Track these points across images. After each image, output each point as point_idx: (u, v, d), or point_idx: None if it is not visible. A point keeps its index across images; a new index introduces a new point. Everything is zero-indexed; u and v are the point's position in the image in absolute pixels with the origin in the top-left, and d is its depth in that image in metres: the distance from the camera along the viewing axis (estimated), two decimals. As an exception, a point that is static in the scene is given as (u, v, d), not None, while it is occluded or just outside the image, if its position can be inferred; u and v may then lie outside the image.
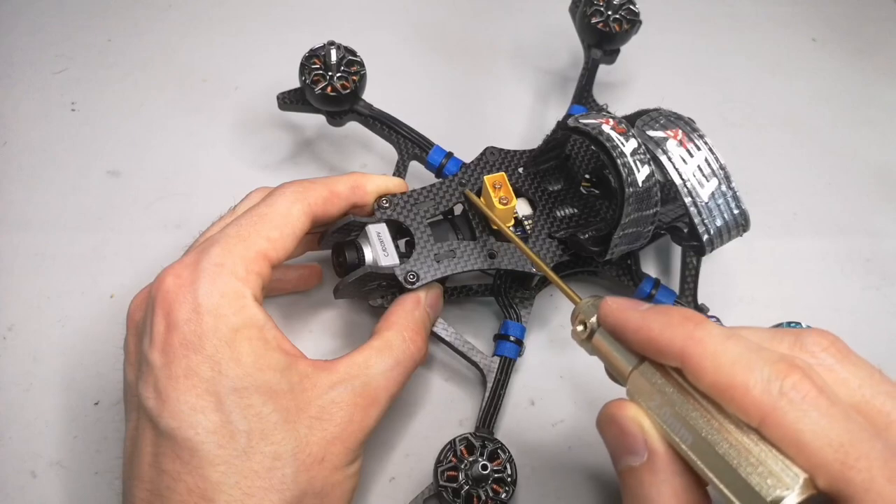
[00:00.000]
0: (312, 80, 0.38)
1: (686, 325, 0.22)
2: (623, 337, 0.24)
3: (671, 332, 0.22)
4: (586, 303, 0.27)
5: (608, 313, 0.25)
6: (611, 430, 0.24)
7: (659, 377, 0.23)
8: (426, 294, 0.34)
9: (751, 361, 0.20)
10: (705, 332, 0.22)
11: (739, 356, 0.21)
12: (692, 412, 0.22)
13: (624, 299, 0.25)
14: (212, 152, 0.46)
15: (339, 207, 0.33)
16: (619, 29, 0.43)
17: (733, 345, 0.21)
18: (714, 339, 0.21)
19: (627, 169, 0.32)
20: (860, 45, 0.56)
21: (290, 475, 0.27)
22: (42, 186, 0.44)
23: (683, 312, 0.23)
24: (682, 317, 0.22)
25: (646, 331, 0.23)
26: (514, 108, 0.50)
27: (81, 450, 0.35)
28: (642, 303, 0.24)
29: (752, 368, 0.20)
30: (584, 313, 0.26)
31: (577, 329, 0.27)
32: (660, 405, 0.23)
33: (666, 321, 0.22)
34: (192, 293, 0.27)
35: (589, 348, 0.26)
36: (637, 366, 0.24)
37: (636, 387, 0.24)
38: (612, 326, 0.25)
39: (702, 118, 0.36)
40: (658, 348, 0.22)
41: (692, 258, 0.40)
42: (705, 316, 0.23)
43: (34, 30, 0.50)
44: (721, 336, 0.21)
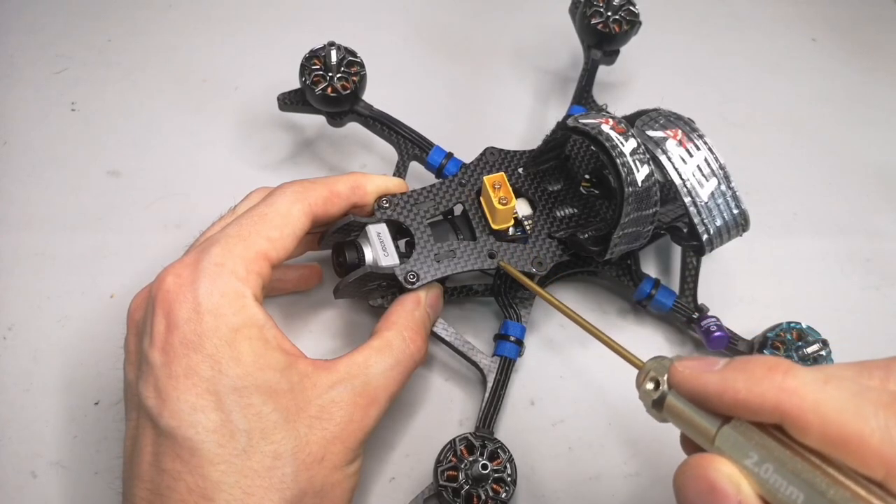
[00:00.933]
0: (312, 81, 0.38)
1: (774, 377, 0.20)
2: (705, 402, 0.22)
3: (760, 387, 0.20)
4: (654, 361, 0.25)
5: (682, 380, 0.23)
6: (697, 487, 0.21)
7: (756, 432, 0.21)
8: (426, 294, 0.34)
9: (860, 407, 0.19)
10: (798, 380, 0.20)
11: (845, 402, 0.19)
12: (802, 467, 0.19)
13: (693, 360, 0.23)
14: (212, 152, 0.46)
15: (340, 207, 0.33)
16: (618, 30, 0.43)
17: (834, 390, 0.19)
18: (811, 387, 0.19)
19: (627, 169, 0.32)
20: (860, 45, 0.56)
21: (290, 474, 0.27)
22: (42, 186, 0.44)
23: (765, 362, 0.21)
24: (765, 368, 0.20)
25: (731, 393, 0.21)
26: (514, 108, 0.50)
27: (81, 450, 0.35)
28: (713, 359, 0.23)
29: (863, 415, 0.18)
30: (656, 371, 0.24)
31: (646, 389, 0.24)
32: (759, 462, 0.20)
33: (750, 377, 0.21)
34: (192, 293, 0.27)
35: (659, 415, 0.24)
36: (722, 425, 0.22)
37: (728, 444, 0.21)
38: (690, 392, 0.22)
39: (702, 118, 0.36)
40: (749, 408, 0.20)
41: (692, 258, 0.40)
42: (788, 361, 0.21)
43: (34, 30, 0.50)
44: (817, 382, 0.19)
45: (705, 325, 0.38)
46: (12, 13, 0.51)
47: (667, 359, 0.24)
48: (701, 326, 0.38)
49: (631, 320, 0.41)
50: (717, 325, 0.38)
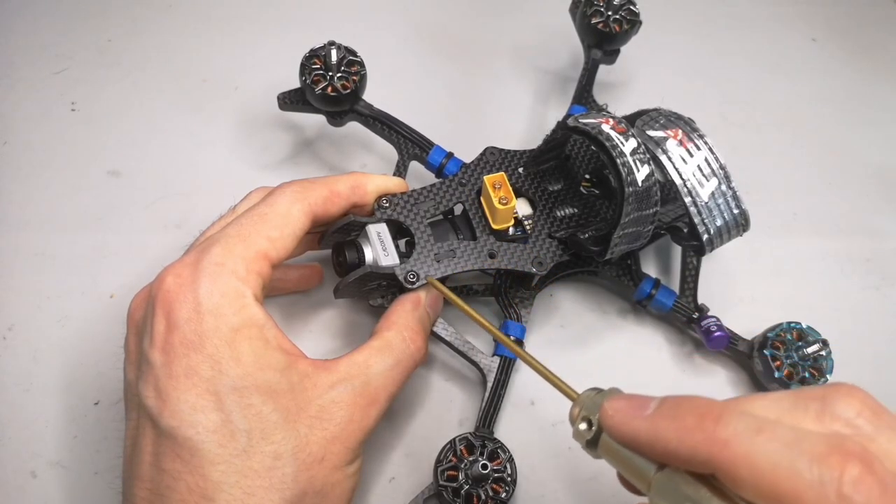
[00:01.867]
0: (313, 81, 0.38)
1: (705, 426, 0.19)
2: (636, 450, 0.21)
3: (691, 439, 0.19)
4: (586, 396, 0.23)
5: (612, 426, 0.22)
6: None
7: (690, 482, 0.20)
8: (426, 294, 0.34)
9: (793, 460, 0.18)
10: (729, 429, 0.19)
11: (778, 456, 0.18)
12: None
13: (625, 401, 0.22)
14: (212, 152, 0.46)
15: (340, 207, 0.33)
16: (619, 29, 0.43)
17: (766, 441, 0.18)
18: (742, 439, 0.19)
19: (627, 168, 0.32)
20: (860, 45, 0.56)
21: (290, 474, 0.27)
22: (42, 186, 0.44)
23: (696, 407, 0.20)
24: (696, 415, 0.20)
25: (662, 442, 0.20)
26: (514, 108, 0.50)
27: (81, 450, 0.35)
28: (644, 400, 0.22)
29: (796, 470, 0.18)
30: (587, 409, 0.23)
31: (579, 429, 0.23)
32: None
33: (680, 426, 0.20)
34: (192, 292, 0.27)
35: (594, 453, 0.23)
36: (658, 469, 0.21)
37: (663, 494, 0.21)
38: (620, 439, 0.22)
39: (702, 118, 0.36)
40: (680, 460, 0.20)
41: (692, 258, 0.40)
42: (722, 403, 0.20)
43: (34, 30, 0.50)
44: (749, 432, 0.19)
45: (705, 325, 0.38)
46: (12, 13, 0.51)
47: (602, 393, 0.23)
48: (701, 326, 0.38)
49: (631, 320, 0.41)
50: (717, 325, 0.38)
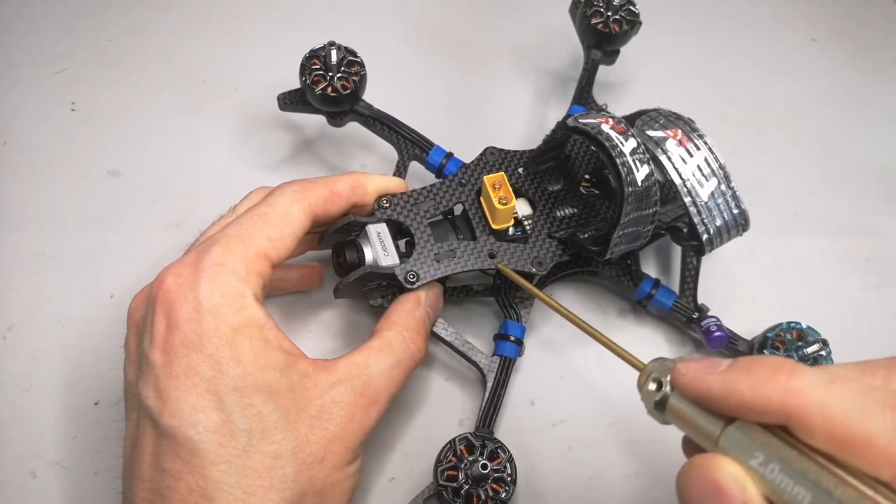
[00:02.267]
0: (313, 81, 0.38)
1: (778, 378, 0.20)
2: (709, 404, 0.22)
3: (764, 389, 0.20)
4: (656, 363, 0.24)
5: (686, 383, 0.22)
6: (701, 488, 0.21)
7: (761, 432, 0.20)
8: (426, 294, 0.34)
9: (866, 408, 0.18)
10: (803, 381, 0.20)
11: (851, 403, 0.19)
12: (808, 467, 0.19)
13: (696, 362, 0.23)
14: (212, 152, 0.46)
15: (340, 207, 0.33)
16: (618, 30, 0.43)
17: (839, 391, 0.19)
18: (816, 389, 0.19)
19: (627, 168, 0.32)
20: (860, 45, 0.56)
21: (290, 474, 0.27)
22: (42, 186, 0.44)
23: (769, 363, 0.21)
24: (769, 369, 0.20)
25: (736, 395, 0.21)
26: (514, 108, 0.50)
27: (81, 450, 0.35)
28: (717, 360, 0.22)
29: (869, 416, 0.18)
30: (658, 372, 0.24)
31: (648, 390, 0.24)
32: (765, 462, 0.20)
33: (754, 379, 0.20)
34: (192, 292, 0.27)
35: (662, 417, 0.24)
36: (726, 426, 0.21)
37: (733, 444, 0.21)
38: (693, 394, 0.22)
39: (702, 118, 0.36)
40: (754, 410, 0.20)
41: (692, 258, 0.40)
42: (792, 361, 0.21)
43: (34, 30, 0.50)
44: (822, 383, 0.19)
45: (705, 324, 0.38)
46: (12, 13, 0.51)
47: (669, 360, 0.24)
48: (701, 326, 0.38)
49: (631, 320, 0.41)
50: (717, 325, 0.38)
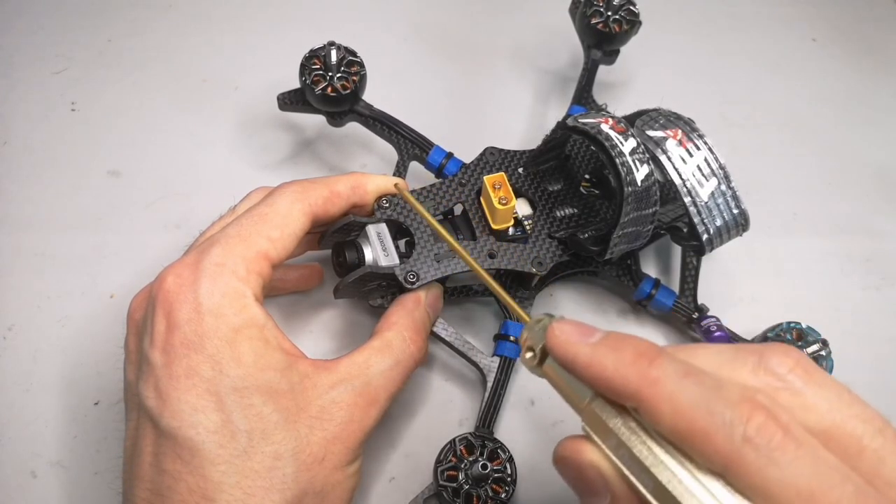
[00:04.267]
0: (313, 81, 0.38)
1: (640, 364, 0.21)
2: (573, 371, 0.23)
3: (625, 370, 0.21)
4: (535, 323, 0.24)
5: (555, 345, 0.23)
6: (568, 473, 0.23)
7: (615, 416, 0.21)
8: (426, 294, 0.34)
9: (710, 403, 0.19)
10: (661, 370, 0.20)
11: (699, 398, 0.20)
12: (651, 457, 0.20)
13: (572, 326, 0.23)
14: (212, 152, 0.46)
15: (340, 207, 0.33)
16: (618, 29, 0.43)
17: (691, 385, 0.20)
18: (670, 380, 0.20)
19: (626, 168, 0.32)
20: (860, 45, 0.56)
21: (290, 475, 0.27)
22: (42, 186, 0.44)
23: (637, 346, 0.21)
24: (635, 353, 0.21)
25: (598, 368, 0.21)
26: (514, 108, 0.50)
27: (81, 450, 0.35)
28: (593, 329, 0.23)
29: (712, 412, 0.19)
30: (532, 338, 0.24)
31: (525, 356, 0.25)
32: (616, 446, 0.21)
33: (618, 358, 0.21)
34: (192, 293, 0.27)
35: (539, 373, 0.24)
36: (592, 399, 0.22)
37: (592, 423, 0.22)
38: (561, 359, 0.23)
39: (702, 118, 0.36)
40: (611, 387, 0.21)
41: (692, 258, 0.40)
42: (660, 347, 0.21)
43: (34, 30, 0.50)
44: (677, 375, 0.20)
45: (705, 324, 0.38)
46: (12, 13, 0.51)
47: (553, 318, 0.24)
48: (701, 326, 0.38)
49: (631, 320, 0.41)
50: (716, 325, 0.38)
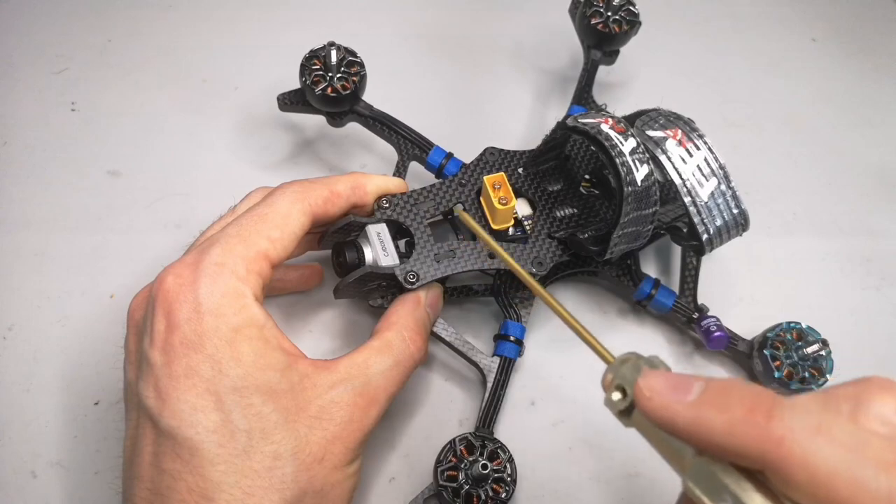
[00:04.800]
0: (313, 81, 0.38)
1: (756, 421, 0.18)
2: (674, 434, 0.20)
3: (740, 431, 0.18)
4: (622, 362, 0.22)
5: (649, 409, 0.20)
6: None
7: (733, 473, 0.19)
8: (426, 294, 0.34)
9: (856, 468, 0.17)
10: (785, 428, 0.18)
11: (839, 462, 0.17)
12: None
13: (664, 383, 0.21)
14: (212, 152, 0.46)
15: (340, 207, 0.33)
16: (618, 30, 0.43)
17: (826, 444, 0.17)
18: (799, 439, 0.18)
19: (626, 168, 0.32)
20: (860, 45, 0.56)
21: (290, 474, 0.27)
22: (42, 186, 0.44)
23: (745, 397, 0.19)
24: (745, 408, 0.19)
25: (705, 433, 0.19)
26: (514, 108, 0.50)
27: (81, 450, 0.35)
28: (688, 382, 0.20)
29: (861, 479, 0.17)
30: (621, 378, 0.21)
31: (612, 399, 0.22)
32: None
33: (728, 418, 0.19)
34: (192, 293, 0.27)
35: (627, 422, 0.22)
36: (696, 454, 0.20)
37: (701, 479, 0.19)
38: (659, 423, 0.20)
39: (702, 118, 0.36)
40: (727, 452, 0.19)
41: (692, 258, 0.40)
42: (771, 393, 0.19)
43: (34, 30, 0.50)
44: (806, 431, 0.18)
45: (705, 325, 0.38)
46: (12, 13, 0.51)
47: (640, 360, 0.22)
48: (701, 326, 0.38)
49: (631, 320, 0.41)
50: (716, 325, 0.38)
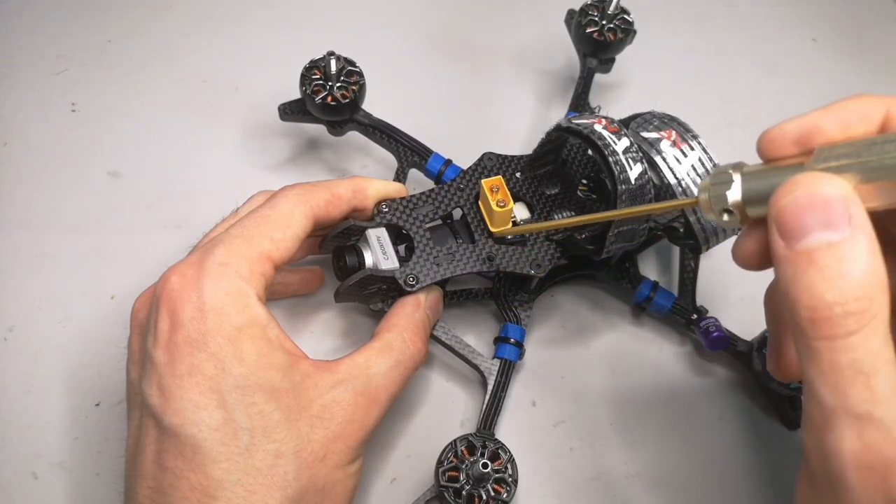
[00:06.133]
0: (313, 91, 0.39)
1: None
2: (812, 140, 0.22)
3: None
4: (711, 183, 0.23)
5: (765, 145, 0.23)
6: (804, 203, 0.20)
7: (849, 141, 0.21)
8: (426, 296, 0.34)
9: None
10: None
11: None
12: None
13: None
14: (212, 153, 0.46)
15: (341, 210, 0.33)
16: (613, 38, 0.43)
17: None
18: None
19: (620, 167, 0.32)
20: (860, 45, 0.56)
21: (291, 472, 0.27)
22: (43, 187, 0.44)
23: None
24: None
25: (837, 109, 0.22)
26: (515, 112, 0.50)
27: (83, 451, 0.36)
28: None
29: None
30: (715, 200, 0.23)
31: (725, 220, 0.23)
32: (869, 143, 0.20)
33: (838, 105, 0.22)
34: (196, 292, 0.28)
35: (736, 223, 0.23)
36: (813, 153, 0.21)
37: (828, 153, 0.21)
38: (798, 138, 0.23)
39: (702, 118, 0.36)
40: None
41: (690, 260, 0.40)
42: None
43: (34, 30, 0.50)
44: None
45: (704, 325, 0.38)
46: (12, 13, 0.51)
47: (723, 173, 0.23)
48: (700, 327, 0.38)
49: (631, 322, 0.42)
50: (715, 326, 0.38)
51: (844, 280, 0.19)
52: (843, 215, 0.20)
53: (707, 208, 0.24)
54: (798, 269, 0.20)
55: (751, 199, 0.23)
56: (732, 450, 0.38)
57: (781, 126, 0.23)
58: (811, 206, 0.20)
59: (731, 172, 0.23)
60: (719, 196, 0.23)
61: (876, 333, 0.19)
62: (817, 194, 0.20)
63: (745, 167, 0.23)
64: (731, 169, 0.23)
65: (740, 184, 0.23)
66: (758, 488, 0.37)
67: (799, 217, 0.20)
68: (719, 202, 0.23)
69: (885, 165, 0.20)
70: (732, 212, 0.23)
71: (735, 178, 0.23)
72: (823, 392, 0.20)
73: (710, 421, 0.39)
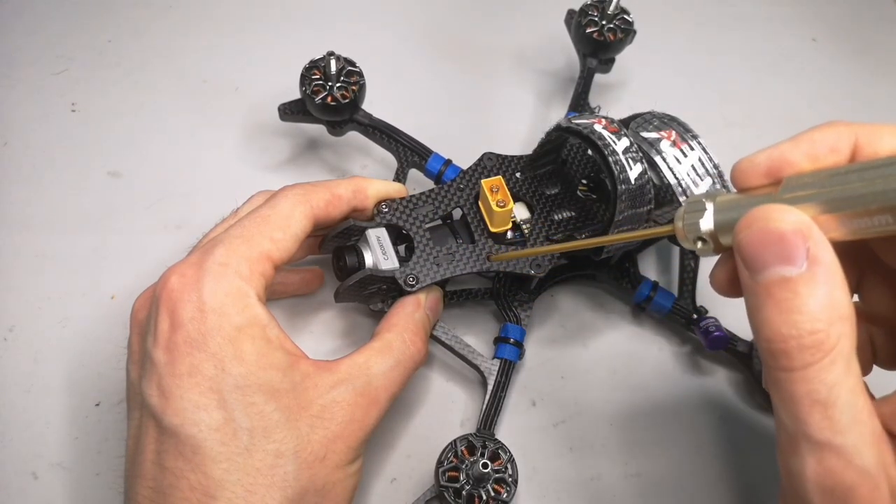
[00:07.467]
0: (313, 91, 0.39)
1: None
2: (782, 172, 0.22)
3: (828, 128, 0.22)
4: (685, 211, 0.23)
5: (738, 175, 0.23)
6: (759, 237, 0.21)
7: (814, 172, 0.21)
8: (426, 297, 0.34)
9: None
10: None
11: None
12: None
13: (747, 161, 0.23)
14: (212, 153, 0.46)
15: (341, 210, 0.33)
16: (613, 38, 0.43)
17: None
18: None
19: (619, 166, 0.32)
20: (860, 45, 0.56)
21: (291, 472, 0.27)
22: (42, 187, 0.44)
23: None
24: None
25: (804, 141, 0.22)
26: (515, 112, 0.50)
27: (82, 451, 0.36)
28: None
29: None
30: (689, 228, 0.23)
31: (699, 248, 0.23)
32: (832, 174, 0.20)
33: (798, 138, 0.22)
34: (196, 292, 0.28)
35: (710, 251, 0.23)
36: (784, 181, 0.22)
37: (795, 183, 0.21)
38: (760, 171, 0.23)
39: (702, 118, 0.36)
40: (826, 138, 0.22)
41: (690, 260, 0.40)
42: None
43: (34, 30, 0.50)
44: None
45: (704, 325, 0.38)
46: (12, 13, 0.51)
47: (699, 201, 0.23)
48: (700, 327, 0.38)
49: (631, 322, 0.42)
50: (715, 326, 0.38)
51: (800, 314, 0.20)
52: (799, 249, 0.20)
53: (682, 237, 0.24)
54: (759, 300, 0.21)
55: (722, 228, 0.23)
56: (732, 450, 0.38)
57: (752, 158, 0.23)
58: (767, 241, 0.20)
59: (704, 201, 0.23)
60: (693, 224, 0.23)
61: (833, 365, 0.19)
62: (772, 229, 0.20)
63: (718, 196, 0.23)
64: (704, 197, 0.23)
65: (713, 213, 0.23)
66: (758, 488, 0.37)
67: (757, 250, 0.21)
68: (693, 231, 0.23)
69: (847, 196, 0.20)
70: (706, 240, 0.23)
71: (708, 206, 0.23)
72: (785, 419, 0.20)
73: (710, 421, 0.39)
